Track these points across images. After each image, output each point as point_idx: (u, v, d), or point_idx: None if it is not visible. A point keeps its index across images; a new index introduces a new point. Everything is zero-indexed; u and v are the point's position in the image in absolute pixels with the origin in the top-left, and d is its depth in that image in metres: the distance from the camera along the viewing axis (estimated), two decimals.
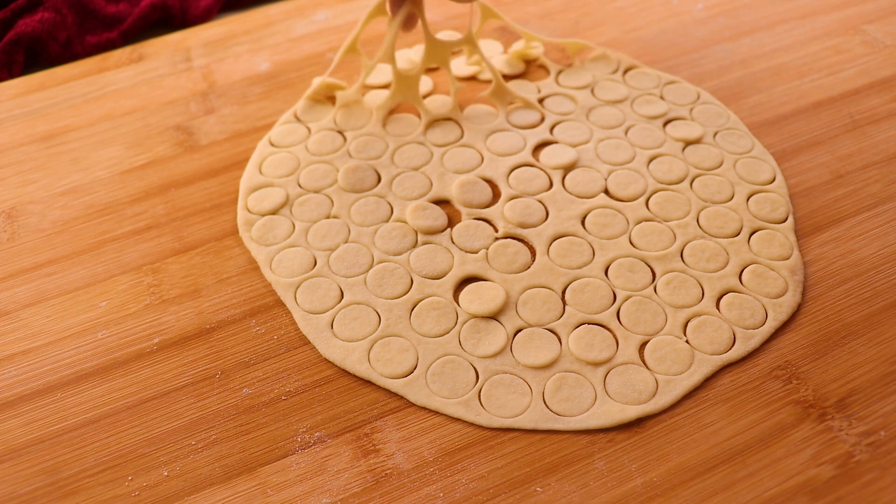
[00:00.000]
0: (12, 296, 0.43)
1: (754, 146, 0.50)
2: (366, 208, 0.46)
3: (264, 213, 0.46)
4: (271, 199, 0.47)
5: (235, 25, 0.63)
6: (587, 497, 0.34)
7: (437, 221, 0.45)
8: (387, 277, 0.43)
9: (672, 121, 0.52)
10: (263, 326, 0.41)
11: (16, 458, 0.36)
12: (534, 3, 0.64)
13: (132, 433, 0.37)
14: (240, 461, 0.35)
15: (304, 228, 0.45)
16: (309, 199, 0.47)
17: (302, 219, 0.46)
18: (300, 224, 0.46)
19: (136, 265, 0.44)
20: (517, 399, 0.37)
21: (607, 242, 0.44)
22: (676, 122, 0.52)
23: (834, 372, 0.37)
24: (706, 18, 0.61)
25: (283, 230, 0.45)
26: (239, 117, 0.54)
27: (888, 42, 0.57)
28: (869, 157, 0.48)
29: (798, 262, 0.42)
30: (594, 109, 0.53)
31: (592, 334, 0.39)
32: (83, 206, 0.48)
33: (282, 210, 0.47)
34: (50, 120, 0.55)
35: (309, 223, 0.46)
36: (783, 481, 0.34)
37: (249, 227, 0.46)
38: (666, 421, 0.36)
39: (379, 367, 0.39)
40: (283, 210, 0.47)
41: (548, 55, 0.58)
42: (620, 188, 0.47)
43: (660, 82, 0.55)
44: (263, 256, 0.44)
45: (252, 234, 0.45)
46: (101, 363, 0.39)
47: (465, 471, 0.35)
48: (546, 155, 0.49)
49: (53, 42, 0.62)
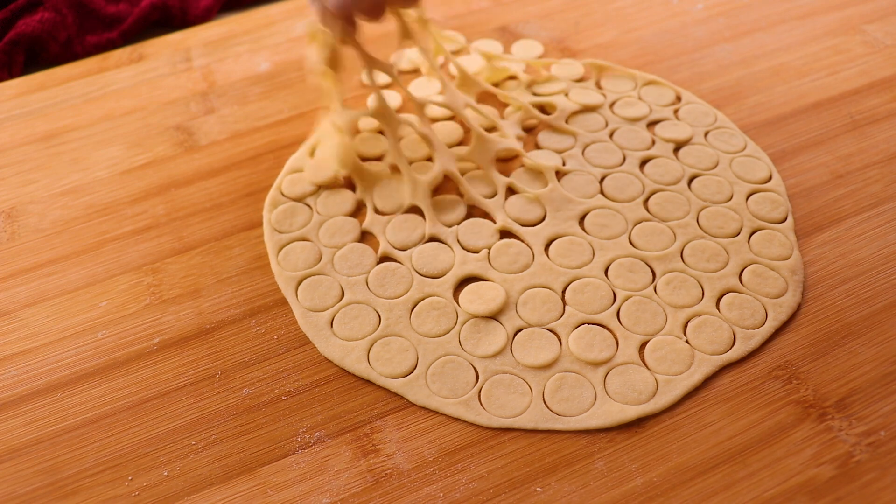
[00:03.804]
0: (12, 296, 0.43)
1: (747, 145, 0.50)
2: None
3: (292, 198, 0.47)
4: (302, 185, 0.48)
5: (235, 25, 0.63)
6: (587, 497, 0.34)
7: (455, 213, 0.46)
8: (388, 277, 0.43)
9: (658, 122, 0.52)
10: (263, 326, 0.41)
11: (16, 458, 0.36)
12: (534, 3, 0.64)
13: (132, 433, 0.37)
14: (240, 461, 0.35)
15: (319, 222, 0.46)
16: (336, 193, 0.47)
17: (322, 212, 0.46)
18: (317, 217, 0.46)
19: (136, 265, 0.44)
20: (517, 399, 0.37)
21: (607, 242, 0.44)
22: (664, 123, 0.51)
23: (834, 372, 0.37)
24: (706, 18, 0.61)
25: (300, 219, 0.46)
26: (239, 117, 0.54)
27: (888, 42, 0.57)
28: (869, 157, 0.48)
29: (798, 262, 0.42)
30: (574, 116, 0.52)
31: (592, 334, 0.39)
32: (83, 206, 0.48)
33: (308, 199, 0.47)
34: (50, 120, 0.55)
35: (326, 217, 0.46)
36: (783, 481, 0.34)
37: (273, 207, 0.47)
38: (666, 421, 0.36)
39: (379, 366, 0.39)
40: (309, 199, 0.47)
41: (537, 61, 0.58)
42: (617, 191, 0.47)
43: (637, 84, 0.54)
44: (273, 245, 0.44)
45: (272, 218, 0.46)
46: (101, 363, 0.39)
47: (465, 471, 0.35)
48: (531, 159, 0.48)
49: (53, 42, 0.62)
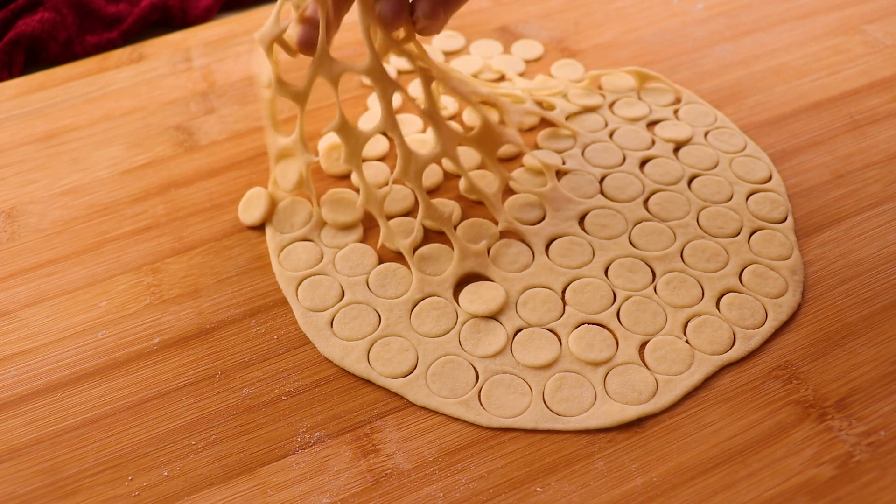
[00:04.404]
0: (12, 296, 0.43)
1: (747, 145, 0.50)
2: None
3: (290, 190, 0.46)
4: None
5: (235, 25, 0.63)
6: (587, 497, 0.34)
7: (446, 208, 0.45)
8: (389, 278, 0.43)
9: (658, 122, 0.52)
10: (263, 326, 0.41)
11: (16, 458, 0.36)
12: (534, 3, 0.64)
13: (132, 433, 0.37)
14: (240, 461, 0.35)
15: (320, 222, 0.45)
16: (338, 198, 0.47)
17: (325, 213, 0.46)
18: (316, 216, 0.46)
19: (136, 265, 0.44)
20: (517, 399, 0.37)
21: (607, 242, 0.44)
22: (664, 123, 0.51)
23: (834, 372, 0.37)
24: (706, 18, 0.61)
25: (300, 219, 0.46)
26: (239, 117, 0.54)
27: (888, 42, 0.57)
28: (869, 157, 0.48)
29: (798, 262, 0.42)
30: (573, 117, 0.52)
31: (592, 334, 0.39)
32: (83, 206, 0.48)
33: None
34: (50, 120, 0.55)
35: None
36: (783, 481, 0.34)
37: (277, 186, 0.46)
38: (666, 421, 0.36)
39: (379, 366, 0.39)
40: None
41: (544, 59, 0.58)
42: (617, 191, 0.47)
43: (636, 84, 0.54)
44: (275, 245, 0.44)
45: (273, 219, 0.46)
46: (101, 363, 0.39)
47: (465, 471, 0.35)
48: (531, 159, 0.48)
49: (53, 42, 0.62)
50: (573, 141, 0.50)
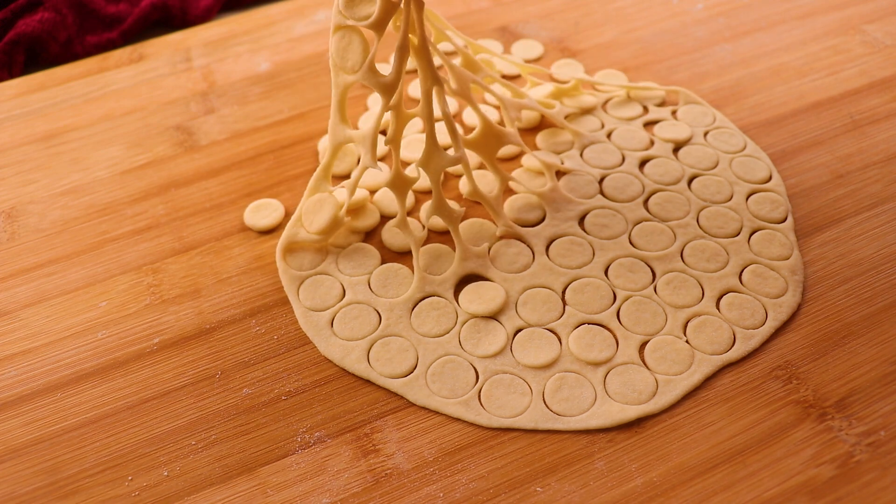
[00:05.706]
0: (12, 296, 0.43)
1: (747, 145, 0.50)
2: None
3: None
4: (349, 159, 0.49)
5: (235, 25, 0.63)
6: (587, 497, 0.34)
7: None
8: (391, 278, 0.43)
9: (657, 122, 0.52)
10: (263, 326, 0.41)
11: (16, 458, 0.36)
12: (534, 3, 0.64)
13: (132, 433, 0.37)
14: (240, 461, 0.35)
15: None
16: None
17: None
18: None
19: (136, 265, 0.44)
20: (517, 399, 0.37)
21: (607, 242, 0.44)
22: (663, 123, 0.51)
23: (834, 372, 0.37)
24: (706, 18, 0.61)
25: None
26: (239, 117, 0.54)
27: (888, 42, 0.57)
28: (869, 157, 0.48)
29: (798, 262, 0.42)
30: (569, 118, 0.52)
31: (592, 334, 0.39)
32: (83, 206, 0.48)
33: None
34: (50, 120, 0.55)
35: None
36: (783, 481, 0.34)
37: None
38: (666, 421, 0.36)
39: (379, 366, 0.39)
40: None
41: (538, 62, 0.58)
42: (617, 191, 0.47)
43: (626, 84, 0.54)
44: (285, 240, 0.44)
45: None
46: (101, 363, 0.39)
47: (465, 471, 0.35)
48: (531, 159, 0.48)
49: (53, 42, 0.62)
50: (572, 141, 0.50)
